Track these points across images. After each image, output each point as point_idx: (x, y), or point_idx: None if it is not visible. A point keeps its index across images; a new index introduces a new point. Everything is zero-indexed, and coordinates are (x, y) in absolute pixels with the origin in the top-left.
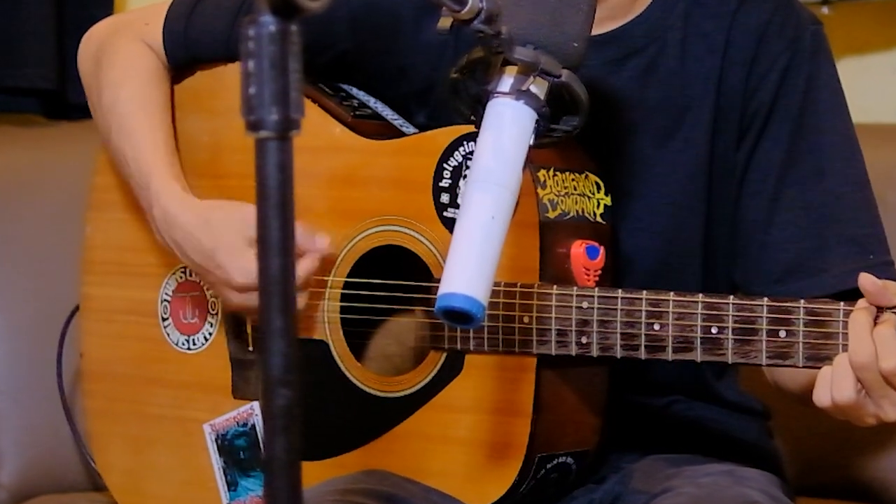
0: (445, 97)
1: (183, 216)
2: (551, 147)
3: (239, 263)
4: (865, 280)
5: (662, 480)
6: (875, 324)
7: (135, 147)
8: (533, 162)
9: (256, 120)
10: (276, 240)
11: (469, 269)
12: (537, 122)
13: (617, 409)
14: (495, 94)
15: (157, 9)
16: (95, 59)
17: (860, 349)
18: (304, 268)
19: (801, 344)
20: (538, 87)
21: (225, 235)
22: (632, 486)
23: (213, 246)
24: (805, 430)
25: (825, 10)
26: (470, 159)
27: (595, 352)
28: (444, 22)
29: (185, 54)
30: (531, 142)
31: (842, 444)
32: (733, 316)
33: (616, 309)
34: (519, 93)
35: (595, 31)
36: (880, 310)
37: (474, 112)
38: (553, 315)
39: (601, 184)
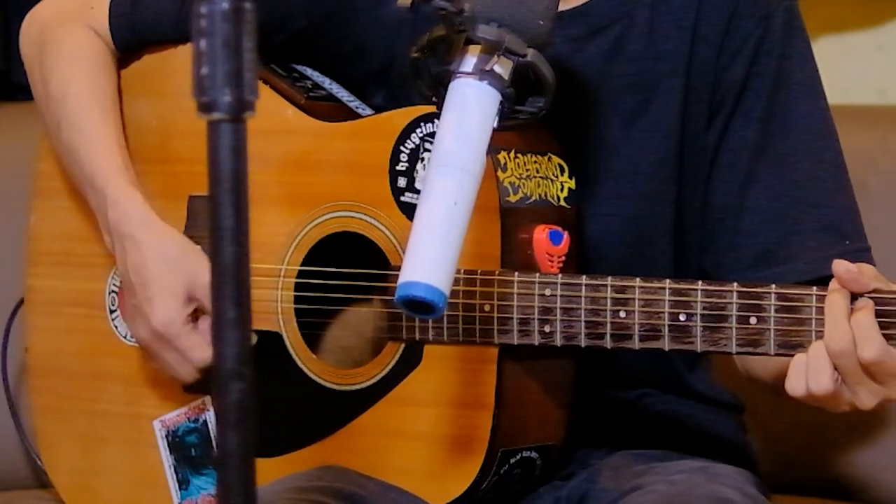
0: (405, 77)
1: (141, 232)
2: (516, 129)
3: (166, 311)
4: (839, 267)
5: (632, 477)
6: (852, 309)
7: (89, 146)
8: (493, 143)
9: (209, 101)
10: (229, 227)
11: (431, 257)
12: (501, 103)
13: (585, 403)
14: (458, 75)
15: None
16: (39, 44)
17: (838, 335)
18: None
19: (772, 331)
20: (502, 67)
21: (171, 277)
22: (600, 483)
23: (154, 278)
24: (780, 425)
25: None
26: (427, 141)
27: (559, 340)
28: (404, 0)
29: (132, 37)
30: (495, 124)
31: (818, 440)
32: (702, 302)
33: (580, 296)
34: (482, 73)
35: (560, 7)
36: (855, 295)
37: (436, 93)
38: (515, 303)
39: (565, 166)
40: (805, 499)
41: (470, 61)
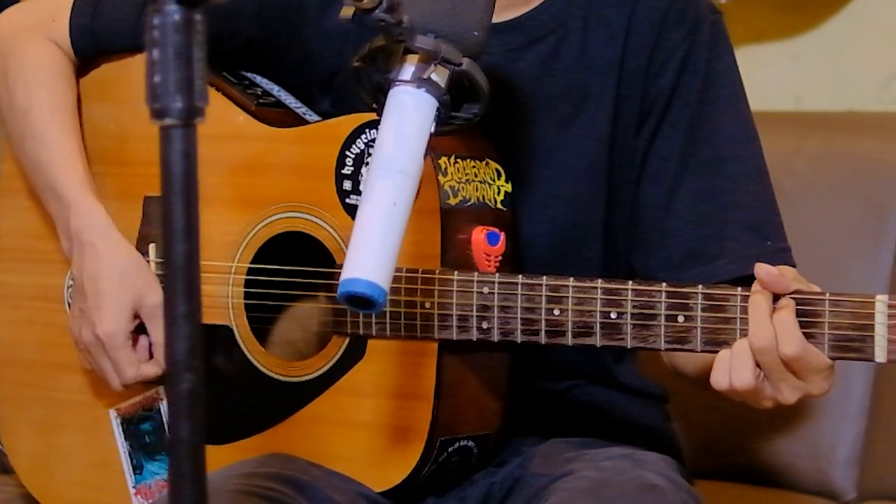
0: (348, 85)
1: (101, 243)
2: (452, 134)
3: (113, 322)
4: (761, 270)
5: (563, 464)
6: (774, 308)
7: (53, 158)
8: (434, 149)
9: (161, 108)
10: (180, 226)
11: (371, 254)
12: (438, 109)
13: (518, 394)
14: (397, 83)
15: (61, 2)
16: (2, 56)
17: (761, 333)
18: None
19: (699, 329)
20: (439, 76)
21: (122, 291)
22: (532, 469)
23: (107, 289)
24: (702, 415)
25: None
26: (372, 146)
27: (496, 337)
28: (346, 11)
29: (91, 47)
30: (432, 129)
31: (737, 429)
32: (632, 301)
33: (516, 294)
34: (420, 81)
35: (498, 19)
36: (777, 296)
37: (376, 100)
38: (454, 301)
39: (501, 171)
40: (726, 484)
41: (408, 70)
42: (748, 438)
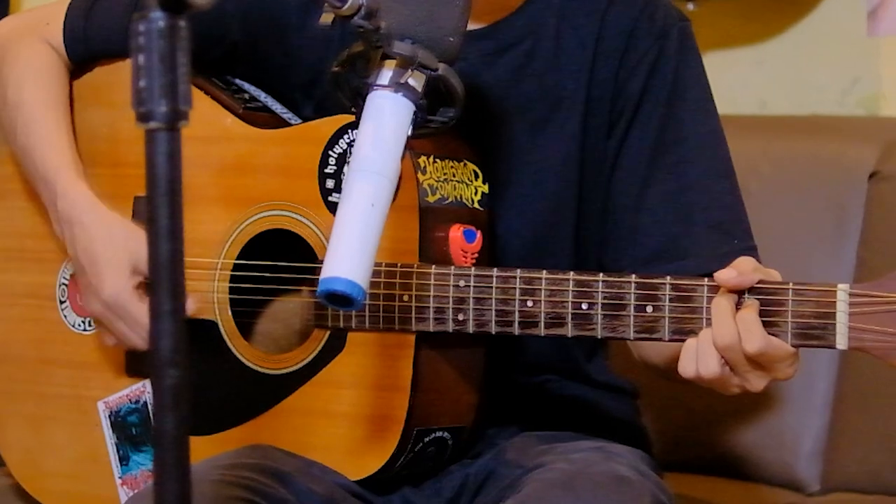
0: (329, 89)
1: (88, 217)
2: (429, 137)
3: (114, 283)
4: (721, 277)
5: (535, 456)
6: (738, 307)
7: (42, 146)
8: (413, 148)
9: (146, 111)
10: (164, 226)
11: (350, 254)
12: (415, 113)
13: (493, 387)
14: (375, 87)
15: (56, 8)
16: None
17: (724, 332)
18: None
19: (667, 319)
20: (416, 80)
21: (116, 252)
22: (505, 461)
23: (101, 255)
24: (671, 410)
25: (691, 6)
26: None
27: (471, 328)
28: (326, 18)
29: (84, 50)
30: (409, 132)
31: (705, 423)
32: (603, 292)
33: (491, 287)
34: (397, 85)
35: (473, 26)
36: (741, 294)
37: (355, 104)
38: (431, 294)
39: (479, 172)
40: (694, 476)
41: (386, 75)
42: (715, 432)
